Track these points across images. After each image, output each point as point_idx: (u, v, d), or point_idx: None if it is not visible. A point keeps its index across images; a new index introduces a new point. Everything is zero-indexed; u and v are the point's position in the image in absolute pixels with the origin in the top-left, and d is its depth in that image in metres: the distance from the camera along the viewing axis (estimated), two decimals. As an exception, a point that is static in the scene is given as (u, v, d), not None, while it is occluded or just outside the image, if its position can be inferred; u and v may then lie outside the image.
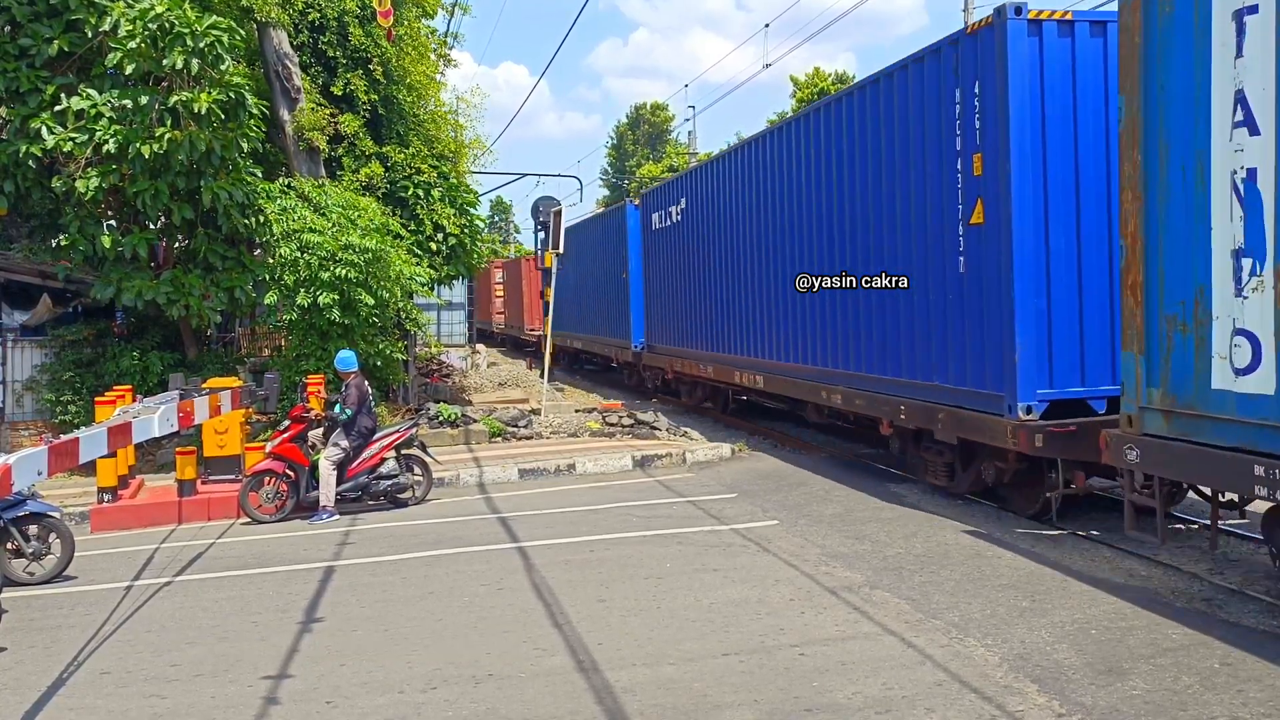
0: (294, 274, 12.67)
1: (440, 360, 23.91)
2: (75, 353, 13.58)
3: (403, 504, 10.37)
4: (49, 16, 12.52)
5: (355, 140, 15.37)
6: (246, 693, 5.31)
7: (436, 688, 5.28)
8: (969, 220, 8.70)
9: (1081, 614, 6.11)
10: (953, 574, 7.10)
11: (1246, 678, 5.04)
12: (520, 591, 7.02)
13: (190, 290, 12.57)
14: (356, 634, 6.23)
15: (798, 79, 48.73)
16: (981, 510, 9.15)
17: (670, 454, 12.51)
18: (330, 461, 9.86)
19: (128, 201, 12.48)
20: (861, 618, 6.16)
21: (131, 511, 10.13)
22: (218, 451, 10.70)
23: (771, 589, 6.84)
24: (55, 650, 6.14)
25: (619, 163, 69.38)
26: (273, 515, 9.85)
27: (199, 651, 6.02)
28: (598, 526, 8.99)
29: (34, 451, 4.97)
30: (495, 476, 11.65)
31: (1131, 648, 5.52)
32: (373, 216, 13.55)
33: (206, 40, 11.75)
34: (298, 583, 7.50)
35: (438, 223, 15.91)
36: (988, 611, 6.23)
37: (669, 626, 6.12)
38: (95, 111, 11.97)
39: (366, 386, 10.31)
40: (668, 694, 5.06)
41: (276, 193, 13.39)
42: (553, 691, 5.15)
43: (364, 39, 15.39)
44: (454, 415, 14.39)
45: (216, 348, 15.21)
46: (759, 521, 8.99)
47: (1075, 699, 4.86)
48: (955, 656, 5.46)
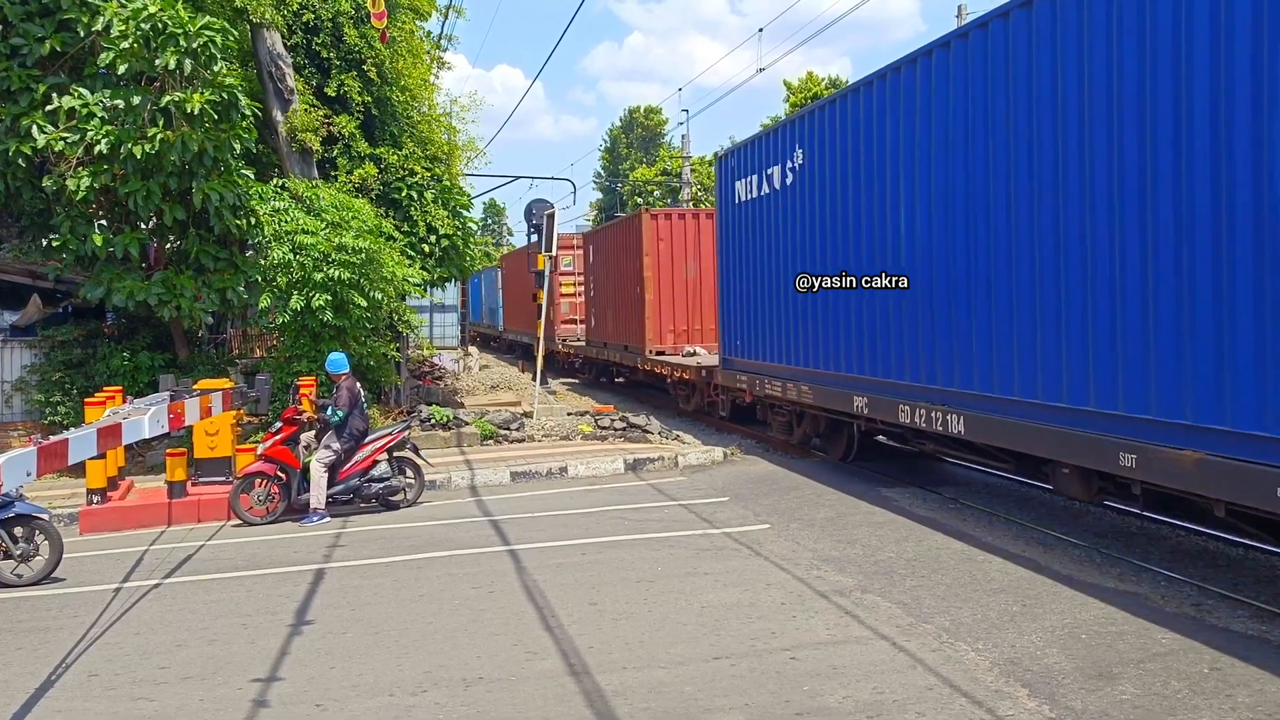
0: (287, 275, 12.64)
1: (432, 362, 23.89)
2: (65, 353, 13.52)
3: (394, 506, 10.35)
4: (41, 16, 12.48)
5: (350, 142, 15.35)
6: (236, 695, 5.29)
7: (427, 690, 5.26)
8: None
9: (1072, 618, 6.13)
10: (944, 578, 7.11)
11: (1235, 683, 5.06)
12: (511, 594, 7.01)
13: (182, 291, 12.53)
14: (347, 636, 6.21)
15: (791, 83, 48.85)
16: (973, 515, 9.17)
17: (662, 457, 12.51)
18: (322, 464, 9.84)
19: (119, 202, 12.44)
20: (853, 622, 6.17)
21: (121, 513, 10.08)
22: (208, 453, 10.67)
23: (763, 593, 6.84)
24: (43, 652, 6.11)
25: (612, 166, 69.43)
26: (264, 517, 9.81)
27: (188, 654, 6.00)
28: (589, 529, 8.98)
29: (23, 452, 4.95)
30: (487, 479, 11.63)
31: (1121, 652, 5.53)
32: (366, 218, 13.53)
33: (199, 41, 11.72)
34: (288, 585, 7.47)
35: (431, 224, 15.89)
36: (978, 616, 6.24)
37: (660, 630, 6.12)
38: (87, 111, 11.93)
39: (358, 389, 10.29)
40: (658, 697, 5.06)
41: (269, 194, 13.36)
42: (543, 694, 5.15)
43: (358, 40, 15.37)
44: (446, 418, 14.37)
45: (208, 349, 15.16)
46: (751, 525, 8.99)
47: (1065, 703, 4.87)
48: (946, 660, 5.46)
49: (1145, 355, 6.59)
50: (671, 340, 18.13)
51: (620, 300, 19.93)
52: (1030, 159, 7.69)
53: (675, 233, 18.27)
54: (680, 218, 18.60)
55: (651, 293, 18.04)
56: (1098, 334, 7.01)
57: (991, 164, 8.18)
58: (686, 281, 18.18)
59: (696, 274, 18.19)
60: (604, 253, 21.55)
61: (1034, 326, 7.67)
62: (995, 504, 9.55)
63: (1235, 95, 5.91)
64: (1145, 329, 6.59)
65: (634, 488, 11.16)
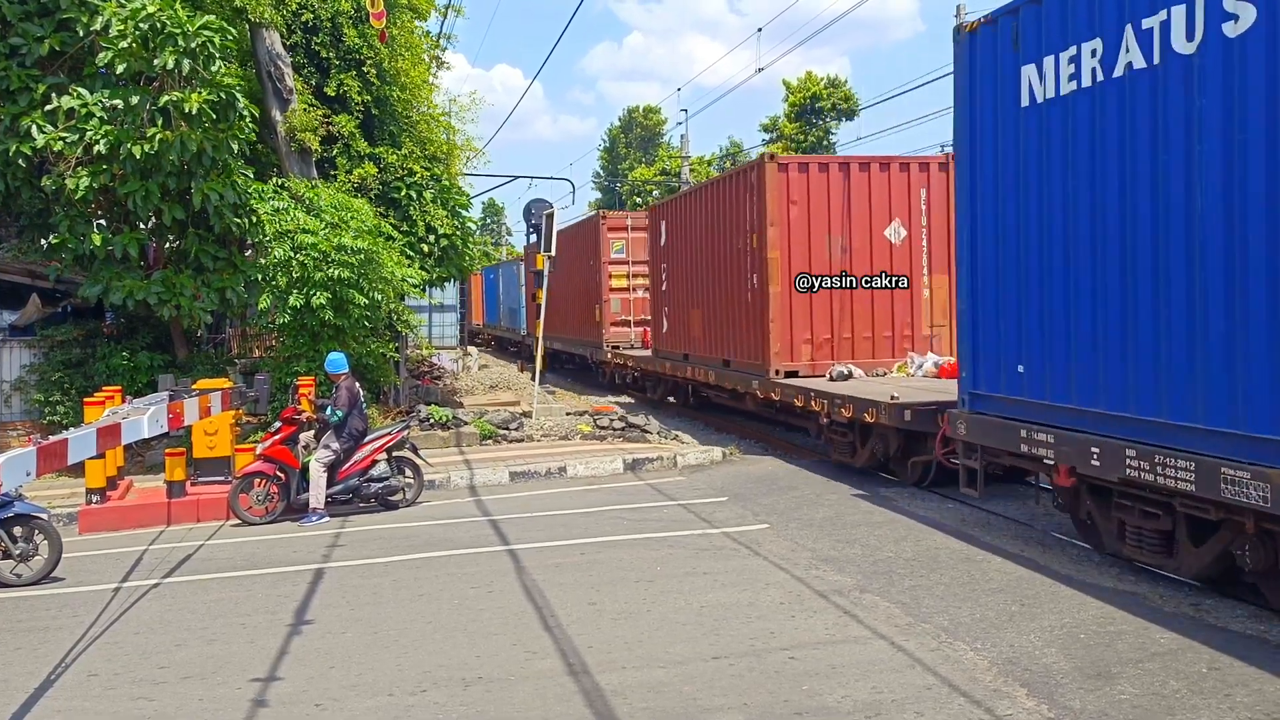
0: (287, 274, 12.64)
1: (431, 362, 23.89)
2: (64, 353, 13.52)
3: (394, 506, 10.35)
4: (40, 15, 12.50)
5: (349, 141, 15.35)
6: (235, 695, 5.29)
7: (426, 690, 5.27)
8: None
9: (1070, 618, 6.13)
10: (942, 578, 7.11)
11: (1234, 682, 5.07)
12: (511, 594, 7.01)
13: (181, 290, 12.53)
14: (346, 636, 6.22)
15: (790, 83, 48.87)
16: (972, 515, 9.17)
17: (661, 457, 12.51)
18: (321, 464, 9.84)
19: (118, 201, 12.45)
20: (851, 621, 6.17)
21: (120, 513, 10.08)
22: (207, 453, 10.67)
23: (762, 592, 6.84)
24: (43, 652, 6.11)
25: (611, 166, 69.41)
26: (263, 517, 9.81)
27: (187, 654, 6.00)
28: (588, 529, 8.98)
29: (22, 452, 4.95)
30: (486, 479, 11.64)
31: (1120, 652, 5.54)
32: (365, 218, 13.54)
33: (198, 41, 11.73)
34: (287, 585, 7.48)
35: (430, 224, 15.90)
36: (977, 615, 6.25)
37: (659, 630, 6.12)
38: (86, 111, 11.94)
39: (357, 388, 10.29)
40: (658, 697, 5.06)
41: (269, 193, 13.37)
42: (542, 694, 5.15)
43: (357, 40, 15.38)
44: (445, 417, 14.37)
45: (207, 348, 15.17)
46: (749, 525, 9.00)
47: (1064, 703, 4.87)
48: (945, 660, 5.47)
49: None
50: (809, 355, 12.60)
51: (718, 295, 14.42)
52: None
53: (817, 191, 12.52)
54: (823, 169, 12.64)
55: (779, 284, 12.48)
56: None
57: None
58: (831, 264, 12.60)
59: (847, 252, 12.58)
60: (687, 228, 15.83)
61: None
62: (994, 504, 9.55)
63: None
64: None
65: (633, 487, 11.17)
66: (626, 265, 20.58)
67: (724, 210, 14.12)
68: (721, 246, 14.22)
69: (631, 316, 20.50)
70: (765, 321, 12.58)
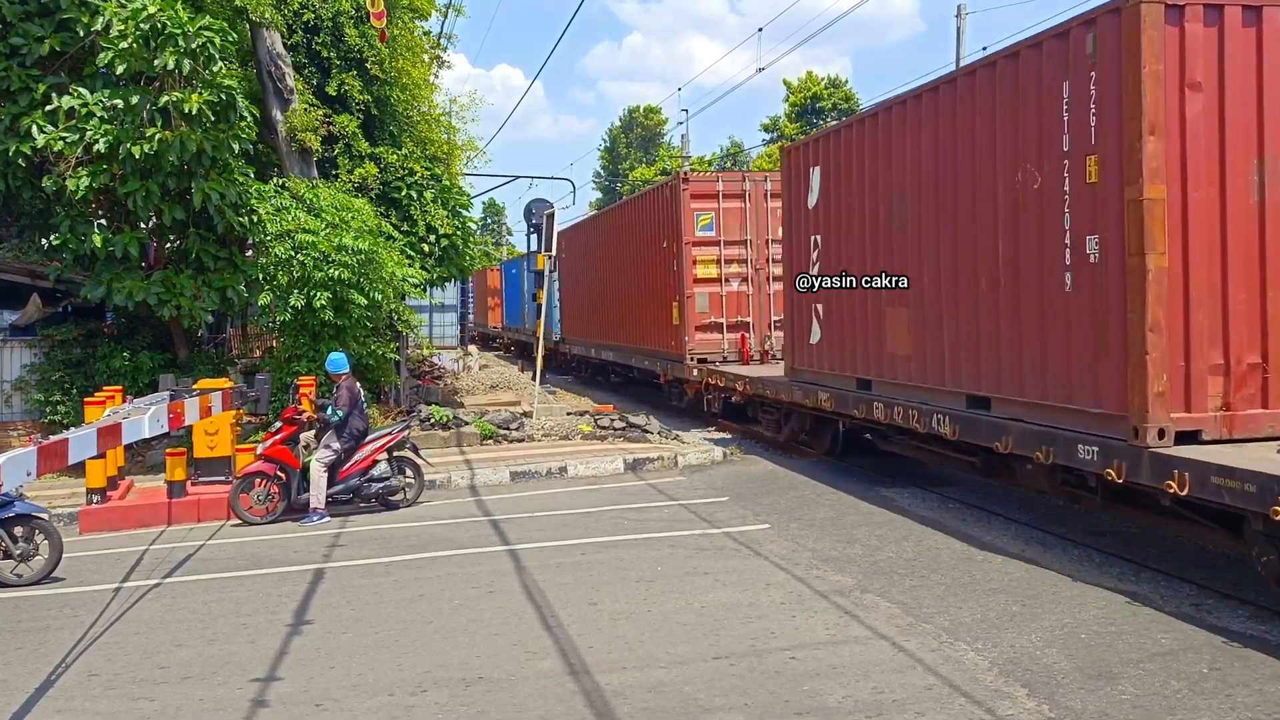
0: (288, 274, 12.65)
1: (432, 362, 23.89)
2: (65, 353, 13.52)
3: (394, 506, 10.35)
4: (40, 15, 12.50)
5: (350, 141, 15.35)
6: (235, 695, 5.29)
7: (427, 690, 5.26)
8: None
9: (1071, 618, 6.13)
10: (943, 578, 7.11)
11: (1235, 682, 5.07)
12: (511, 594, 7.01)
13: (181, 290, 12.53)
14: (347, 636, 6.21)
15: (791, 83, 48.89)
16: (973, 515, 9.17)
17: (662, 457, 12.51)
18: (321, 463, 9.84)
19: (118, 201, 12.44)
20: (852, 621, 6.17)
21: (120, 513, 10.08)
22: (208, 453, 10.67)
23: (762, 592, 6.84)
24: (43, 652, 6.11)
25: (612, 165, 69.45)
26: (263, 517, 9.81)
27: (188, 654, 6.00)
28: (589, 529, 8.98)
29: (22, 452, 4.95)
30: (487, 479, 11.64)
31: (1121, 652, 5.54)
32: (366, 218, 13.54)
33: (198, 41, 11.73)
34: (288, 585, 7.48)
35: (430, 224, 15.89)
36: (978, 615, 6.25)
37: (660, 630, 6.12)
38: (86, 111, 11.94)
39: (358, 388, 10.29)
40: (658, 697, 5.06)
41: (270, 193, 13.37)
42: (543, 694, 5.15)
43: (358, 40, 15.38)
44: (446, 417, 14.37)
45: (208, 348, 15.16)
46: (750, 525, 9.00)
47: (1064, 703, 4.87)
48: (945, 660, 5.47)
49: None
50: (1220, 390, 6.50)
51: (971, 278, 8.39)
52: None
53: (1241, 66, 6.40)
54: (1250, 16, 6.44)
55: (1165, 249, 6.33)
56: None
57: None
58: (1250, 212, 6.50)
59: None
60: (880, 170, 9.89)
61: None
62: (995, 504, 9.55)
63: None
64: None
65: (633, 487, 11.17)
66: (716, 247, 15.42)
67: (990, 123, 8.02)
68: (982, 188, 8.16)
69: (724, 319, 15.44)
70: (1124, 326, 6.55)
